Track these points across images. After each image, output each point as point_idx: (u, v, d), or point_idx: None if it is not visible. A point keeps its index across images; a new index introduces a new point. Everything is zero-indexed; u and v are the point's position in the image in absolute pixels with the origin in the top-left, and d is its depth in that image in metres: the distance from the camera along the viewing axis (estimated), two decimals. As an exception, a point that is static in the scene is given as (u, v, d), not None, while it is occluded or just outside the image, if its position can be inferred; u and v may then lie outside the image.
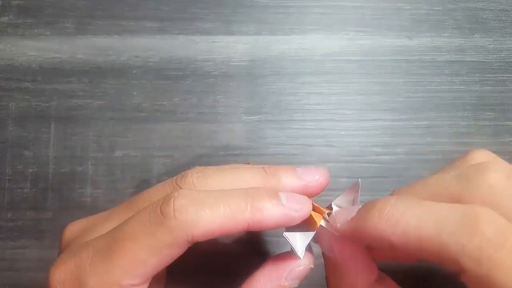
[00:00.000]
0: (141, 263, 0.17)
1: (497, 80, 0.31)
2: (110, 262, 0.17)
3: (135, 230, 0.17)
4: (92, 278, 0.17)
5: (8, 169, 0.30)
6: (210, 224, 0.17)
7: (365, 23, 0.32)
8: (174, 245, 0.17)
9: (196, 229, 0.17)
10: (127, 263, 0.17)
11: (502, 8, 0.33)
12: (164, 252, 0.17)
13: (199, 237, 0.17)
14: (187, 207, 0.17)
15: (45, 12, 0.33)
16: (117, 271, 0.17)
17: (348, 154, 0.30)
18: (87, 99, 0.31)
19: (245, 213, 0.17)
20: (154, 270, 0.17)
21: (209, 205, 0.17)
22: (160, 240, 0.17)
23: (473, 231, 0.15)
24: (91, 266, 0.17)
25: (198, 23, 0.32)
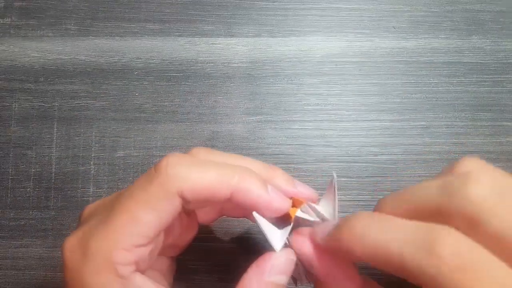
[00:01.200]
0: (138, 221, 0.18)
1: (494, 81, 0.32)
2: (110, 224, 0.18)
3: (132, 191, 0.18)
4: (94, 241, 0.18)
5: (11, 169, 0.30)
6: (198, 182, 0.18)
7: (363, 25, 0.33)
8: (166, 199, 0.18)
9: (185, 184, 0.18)
10: (124, 222, 0.18)
11: (500, 10, 0.33)
12: (158, 208, 0.18)
13: (187, 192, 0.18)
14: (178, 164, 0.18)
15: (48, 14, 0.33)
16: (117, 230, 0.18)
17: (346, 154, 0.30)
18: (89, 100, 0.31)
19: (232, 180, 0.19)
20: (152, 229, 0.18)
21: (199, 166, 0.19)
22: (153, 194, 0.18)
23: (431, 251, 0.15)
24: (95, 231, 0.18)
25: (198, 25, 0.33)
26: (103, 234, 0.18)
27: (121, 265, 0.17)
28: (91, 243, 0.18)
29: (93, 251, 0.18)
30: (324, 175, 0.30)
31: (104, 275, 0.17)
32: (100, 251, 0.18)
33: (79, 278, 0.18)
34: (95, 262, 0.17)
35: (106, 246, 0.17)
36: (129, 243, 0.18)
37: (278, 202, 0.20)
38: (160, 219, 0.18)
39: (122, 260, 0.18)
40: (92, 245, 0.18)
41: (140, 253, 0.18)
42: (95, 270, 0.17)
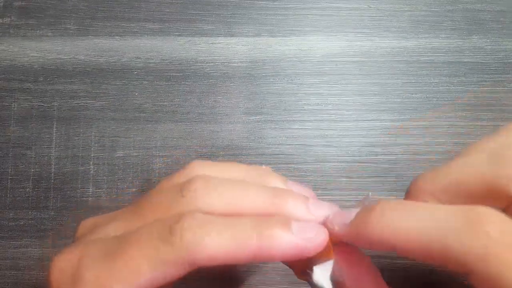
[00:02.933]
0: (138, 274, 0.17)
1: (495, 81, 0.32)
2: (110, 263, 0.17)
3: (142, 240, 0.17)
4: (89, 273, 0.17)
5: (10, 169, 0.30)
6: (215, 250, 0.17)
7: (363, 25, 0.33)
8: (175, 265, 0.17)
9: (199, 253, 0.16)
10: (125, 269, 0.17)
11: (500, 9, 0.33)
12: (163, 269, 0.17)
13: (201, 261, 0.17)
14: (195, 229, 0.17)
15: (47, 13, 0.33)
16: (114, 273, 0.17)
17: (347, 154, 0.30)
18: (88, 100, 0.31)
19: (252, 241, 0.17)
20: (150, 284, 0.17)
21: (217, 231, 0.17)
22: (162, 256, 0.17)
23: (478, 231, 0.14)
24: (92, 262, 0.17)
25: (198, 25, 0.33)
26: (99, 272, 0.17)
27: None
28: (84, 276, 0.17)
29: (84, 283, 0.17)
30: (325, 175, 0.30)
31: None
32: (90, 284, 0.17)
33: None
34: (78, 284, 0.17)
35: (98, 284, 0.17)
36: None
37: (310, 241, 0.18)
38: (161, 280, 0.17)
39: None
40: (85, 277, 0.17)
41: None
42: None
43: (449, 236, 0.15)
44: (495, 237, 0.14)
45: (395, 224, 0.16)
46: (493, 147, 0.18)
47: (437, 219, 0.15)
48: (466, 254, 0.14)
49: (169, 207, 0.19)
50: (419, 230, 0.15)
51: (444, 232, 0.15)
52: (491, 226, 0.15)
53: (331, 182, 0.30)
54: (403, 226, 0.16)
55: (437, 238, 0.15)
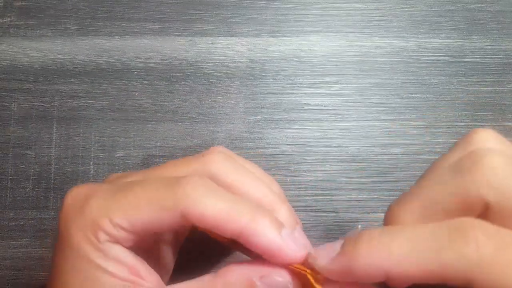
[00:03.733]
0: (137, 211, 0.18)
1: (495, 81, 0.32)
2: (116, 197, 0.18)
3: (149, 184, 0.19)
4: (96, 202, 0.18)
5: (10, 169, 0.30)
6: (208, 211, 0.18)
7: (363, 25, 0.33)
8: (169, 212, 0.18)
9: (194, 208, 0.17)
10: (127, 204, 0.18)
11: (500, 9, 0.33)
12: (159, 213, 0.18)
13: (193, 216, 0.18)
14: (199, 187, 0.18)
15: (47, 13, 0.33)
16: (116, 205, 0.18)
17: (347, 154, 0.30)
18: (88, 100, 0.31)
19: (243, 219, 0.18)
20: (144, 224, 0.18)
21: (217, 197, 0.18)
22: (161, 200, 0.18)
23: (467, 238, 0.15)
24: (102, 194, 0.19)
25: (198, 25, 0.33)
26: (103, 203, 0.18)
27: (101, 232, 0.18)
28: (88, 205, 0.18)
29: (87, 211, 0.18)
30: (325, 175, 0.30)
31: (85, 233, 0.18)
32: (92, 214, 0.18)
33: (67, 231, 0.19)
34: (83, 221, 0.18)
35: (98, 213, 0.18)
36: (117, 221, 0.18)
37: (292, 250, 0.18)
38: (153, 222, 0.18)
39: (105, 228, 0.18)
40: (88, 206, 0.18)
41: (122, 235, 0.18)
42: (80, 227, 0.18)
43: (442, 250, 0.15)
44: (483, 241, 0.15)
45: (385, 249, 0.16)
46: (453, 160, 0.18)
47: (426, 237, 0.15)
48: (462, 264, 0.15)
49: (188, 163, 0.21)
50: (412, 251, 0.15)
51: (436, 247, 0.15)
52: (477, 232, 0.15)
53: (331, 182, 0.30)
54: (395, 250, 0.16)
55: (431, 255, 0.15)
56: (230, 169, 0.21)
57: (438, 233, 0.15)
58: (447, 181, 0.17)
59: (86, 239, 0.18)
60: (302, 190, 0.30)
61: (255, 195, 0.21)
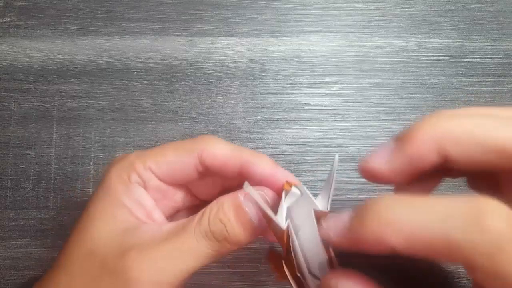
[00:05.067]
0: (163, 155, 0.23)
1: (495, 81, 0.32)
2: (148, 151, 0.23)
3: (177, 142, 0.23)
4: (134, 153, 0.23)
5: (10, 169, 0.30)
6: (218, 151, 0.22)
7: (364, 25, 0.33)
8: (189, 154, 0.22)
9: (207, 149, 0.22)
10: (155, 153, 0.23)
11: (500, 9, 0.33)
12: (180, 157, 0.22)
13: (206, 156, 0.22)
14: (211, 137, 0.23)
15: (47, 13, 0.33)
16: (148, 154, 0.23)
17: (347, 154, 0.30)
18: (88, 100, 0.31)
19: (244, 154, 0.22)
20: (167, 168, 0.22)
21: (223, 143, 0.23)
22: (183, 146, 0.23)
23: (482, 226, 0.14)
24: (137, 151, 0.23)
25: (198, 25, 0.33)
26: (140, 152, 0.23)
27: (136, 174, 0.22)
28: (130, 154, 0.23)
29: (127, 157, 0.23)
30: (325, 175, 0.30)
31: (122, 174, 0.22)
32: (131, 158, 0.22)
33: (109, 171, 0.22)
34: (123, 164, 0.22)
35: (135, 157, 0.22)
36: (148, 164, 0.22)
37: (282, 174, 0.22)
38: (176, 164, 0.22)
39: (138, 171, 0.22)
40: (129, 155, 0.23)
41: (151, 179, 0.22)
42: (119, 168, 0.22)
43: (453, 231, 0.14)
44: (500, 232, 0.14)
45: (395, 221, 0.15)
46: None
47: (439, 213, 0.15)
48: (471, 251, 0.14)
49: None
50: (422, 226, 0.15)
51: (448, 227, 0.15)
52: (495, 220, 0.14)
53: (331, 182, 0.30)
54: (404, 223, 0.15)
55: (440, 233, 0.15)
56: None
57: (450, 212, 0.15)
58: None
59: (120, 179, 0.22)
60: (302, 190, 0.30)
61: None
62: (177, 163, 0.22)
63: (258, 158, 0.22)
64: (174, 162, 0.22)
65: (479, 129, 0.17)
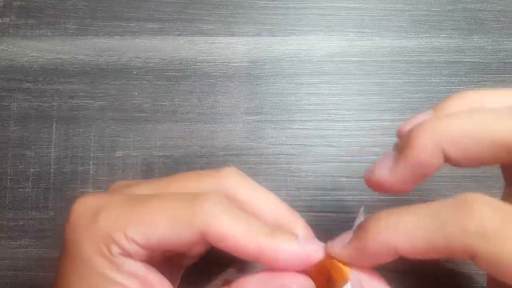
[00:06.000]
0: (154, 226, 0.17)
1: (495, 81, 0.32)
2: (131, 210, 0.18)
3: (166, 199, 0.18)
4: (109, 213, 0.18)
5: (9, 169, 0.30)
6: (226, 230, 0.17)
7: (364, 24, 0.33)
8: (188, 228, 0.17)
9: (212, 226, 0.17)
10: (142, 218, 0.18)
11: (501, 9, 0.33)
12: (175, 230, 0.17)
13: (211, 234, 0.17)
14: (217, 205, 0.18)
15: (46, 13, 0.33)
16: (129, 219, 0.18)
17: (347, 154, 0.30)
18: (88, 100, 0.31)
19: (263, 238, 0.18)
20: (159, 240, 0.18)
21: (235, 216, 0.18)
22: (179, 216, 0.17)
23: (471, 212, 0.15)
24: (115, 205, 0.18)
25: (198, 24, 0.32)
26: (116, 216, 0.18)
27: (115, 245, 0.18)
28: (101, 217, 0.18)
29: (99, 224, 0.18)
30: (325, 175, 0.30)
31: (97, 246, 0.18)
32: (105, 226, 0.18)
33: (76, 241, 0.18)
34: (95, 233, 0.18)
35: (111, 226, 0.18)
36: (132, 236, 0.17)
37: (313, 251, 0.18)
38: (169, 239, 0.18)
39: (118, 241, 0.17)
40: (100, 219, 0.18)
41: (137, 250, 0.18)
42: (91, 240, 0.18)
43: (446, 224, 0.15)
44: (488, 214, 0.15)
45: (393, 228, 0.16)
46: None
47: (431, 213, 0.16)
48: (465, 237, 0.15)
49: (200, 178, 0.20)
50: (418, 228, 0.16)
51: (441, 222, 0.16)
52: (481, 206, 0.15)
53: (331, 182, 0.30)
54: (401, 228, 0.16)
55: (436, 230, 0.16)
56: (245, 186, 0.21)
57: (443, 209, 0.16)
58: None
59: (98, 251, 0.17)
60: (302, 190, 0.30)
61: (273, 211, 0.21)
62: (171, 238, 0.18)
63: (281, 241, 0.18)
64: (166, 237, 0.18)
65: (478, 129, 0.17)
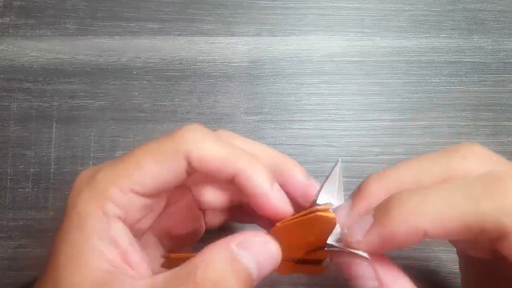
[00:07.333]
0: (141, 167, 0.18)
1: (495, 81, 0.32)
2: (119, 164, 0.19)
3: (147, 143, 0.19)
4: (101, 173, 0.19)
5: (10, 169, 0.30)
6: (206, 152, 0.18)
7: (364, 24, 0.33)
8: (173, 157, 0.18)
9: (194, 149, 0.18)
10: (129, 165, 0.18)
11: (501, 9, 0.33)
12: (163, 162, 0.18)
13: (194, 158, 0.18)
14: (194, 131, 0.19)
15: (47, 13, 0.33)
16: (120, 170, 0.18)
17: (347, 154, 0.30)
18: (88, 100, 0.31)
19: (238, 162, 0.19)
20: (152, 180, 0.18)
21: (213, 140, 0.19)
22: (162, 149, 0.19)
23: (504, 188, 0.15)
24: (106, 166, 0.19)
25: (198, 25, 0.32)
26: (109, 170, 0.19)
27: (110, 202, 0.18)
28: (96, 176, 0.19)
29: (95, 181, 0.18)
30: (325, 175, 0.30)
31: (93, 205, 0.18)
32: (100, 182, 0.18)
33: (76, 201, 0.18)
34: (92, 191, 0.18)
35: (107, 179, 0.18)
36: (127, 185, 0.18)
37: (279, 201, 0.19)
38: (162, 174, 0.18)
39: (113, 196, 0.18)
40: (96, 177, 0.19)
41: (133, 202, 0.18)
42: (89, 199, 0.18)
43: (479, 201, 0.15)
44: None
45: (421, 209, 0.16)
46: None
47: (460, 191, 0.16)
48: (500, 214, 0.15)
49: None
50: (449, 206, 0.16)
51: (473, 199, 0.15)
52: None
53: (331, 182, 0.30)
54: (430, 208, 0.16)
55: (468, 207, 0.15)
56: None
57: (472, 186, 0.16)
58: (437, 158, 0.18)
59: (91, 212, 0.18)
60: (302, 190, 0.29)
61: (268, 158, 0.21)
62: (162, 174, 0.18)
63: (257, 171, 0.19)
64: (158, 174, 0.18)
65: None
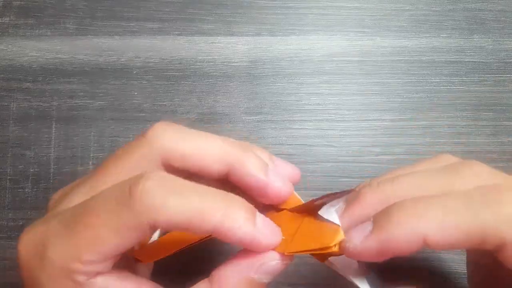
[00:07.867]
0: (102, 241, 0.16)
1: (496, 81, 0.31)
2: (72, 235, 0.17)
3: (100, 206, 0.17)
4: (53, 250, 0.17)
5: (9, 169, 0.30)
6: (175, 215, 0.16)
7: (364, 24, 0.32)
8: (136, 229, 0.16)
9: (160, 216, 0.16)
10: (88, 238, 0.16)
11: (501, 9, 0.33)
12: (126, 235, 0.16)
13: (162, 224, 0.16)
14: (156, 190, 0.16)
15: (46, 13, 0.33)
16: (77, 245, 0.16)
17: (347, 154, 0.30)
18: (88, 100, 0.31)
19: (215, 217, 0.16)
20: (116, 250, 0.17)
21: (179, 195, 0.16)
22: (123, 221, 0.16)
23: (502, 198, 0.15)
24: (54, 238, 0.17)
25: (198, 24, 0.32)
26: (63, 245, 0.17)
27: (78, 274, 0.17)
28: (49, 252, 0.17)
29: (51, 260, 0.17)
30: (325, 175, 0.30)
31: (61, 281, 0.17)
32: (58, 261, 0.17)
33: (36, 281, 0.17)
34: (52, 270, 0.17)
35: (64, 258, 0.17)
36: (89, 259, 0.17)
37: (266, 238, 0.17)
38: (127, 244, 0.17)
39: (79, 270, 0.17)
40: (49, 254, 0.17)
41: (98, 267, 0.17)
42: (52, 277, 0.17)
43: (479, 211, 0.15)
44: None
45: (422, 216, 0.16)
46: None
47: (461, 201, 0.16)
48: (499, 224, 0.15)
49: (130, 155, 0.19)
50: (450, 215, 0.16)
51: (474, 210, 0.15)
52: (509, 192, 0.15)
53: (331, 182, 0.30)
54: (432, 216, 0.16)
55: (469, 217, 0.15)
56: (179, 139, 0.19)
57: (472, 197, 0.16)
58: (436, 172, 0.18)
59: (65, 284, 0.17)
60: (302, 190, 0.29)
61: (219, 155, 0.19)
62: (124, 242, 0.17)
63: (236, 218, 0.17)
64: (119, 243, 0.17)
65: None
